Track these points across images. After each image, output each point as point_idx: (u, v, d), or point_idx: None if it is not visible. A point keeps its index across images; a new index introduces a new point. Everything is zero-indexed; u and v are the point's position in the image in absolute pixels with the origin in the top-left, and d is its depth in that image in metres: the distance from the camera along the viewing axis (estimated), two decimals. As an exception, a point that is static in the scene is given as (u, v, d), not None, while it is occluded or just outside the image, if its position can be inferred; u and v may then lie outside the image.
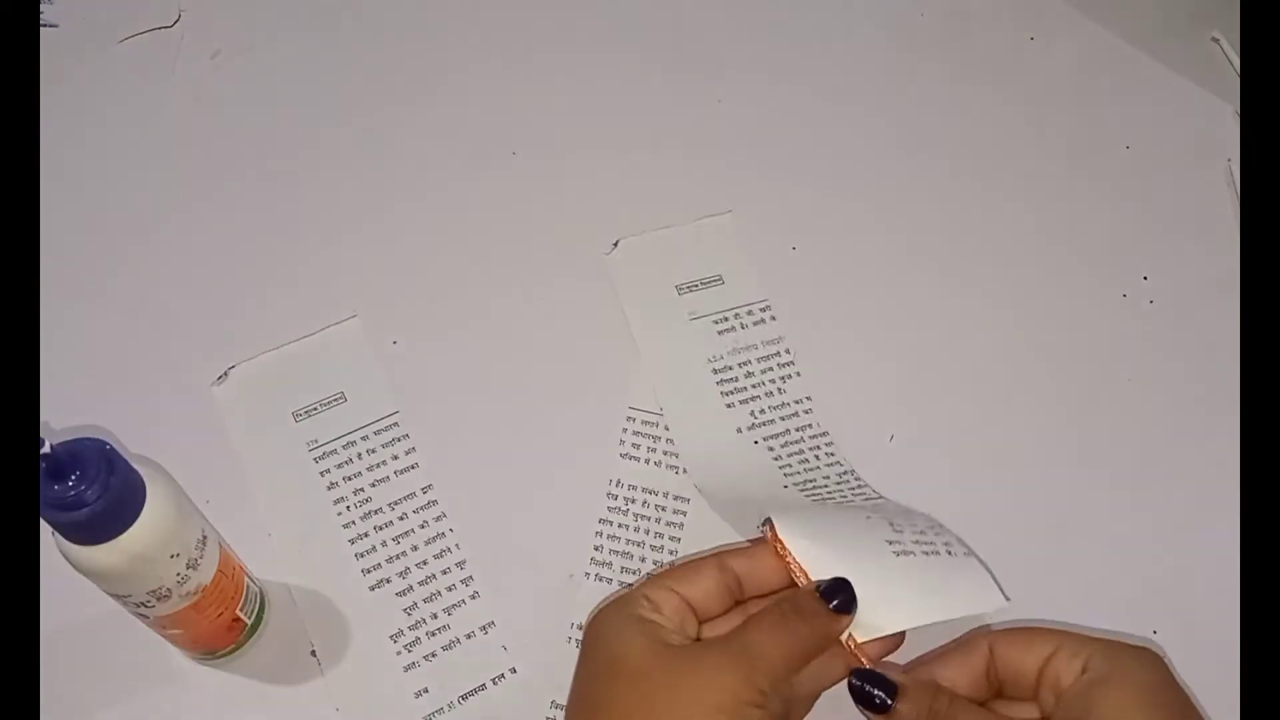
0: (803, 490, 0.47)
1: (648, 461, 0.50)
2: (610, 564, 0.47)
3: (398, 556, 0.47)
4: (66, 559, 0.35)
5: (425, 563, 0.47)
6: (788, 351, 0.53)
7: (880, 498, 0.48)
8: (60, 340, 0.51)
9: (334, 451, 0.49)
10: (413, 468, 0.49)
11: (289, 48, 0.61)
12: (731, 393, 0.51)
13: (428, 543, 0.48)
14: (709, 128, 0.60)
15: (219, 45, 0.61)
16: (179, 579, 0.37)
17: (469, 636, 0.46)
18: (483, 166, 0.58)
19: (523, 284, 0.54)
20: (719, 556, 0.39)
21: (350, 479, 0.49)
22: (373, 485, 0.49)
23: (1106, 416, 0.52)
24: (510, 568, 0.47)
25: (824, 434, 0.51)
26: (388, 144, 0.58)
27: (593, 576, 0.47)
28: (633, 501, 0.49)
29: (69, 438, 0.33)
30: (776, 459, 0.49)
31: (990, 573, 0.43)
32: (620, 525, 0.48)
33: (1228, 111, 0.61)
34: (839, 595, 0.37)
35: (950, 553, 0.42)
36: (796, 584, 0.39)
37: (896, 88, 0.62)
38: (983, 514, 0.49)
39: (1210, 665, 0.46)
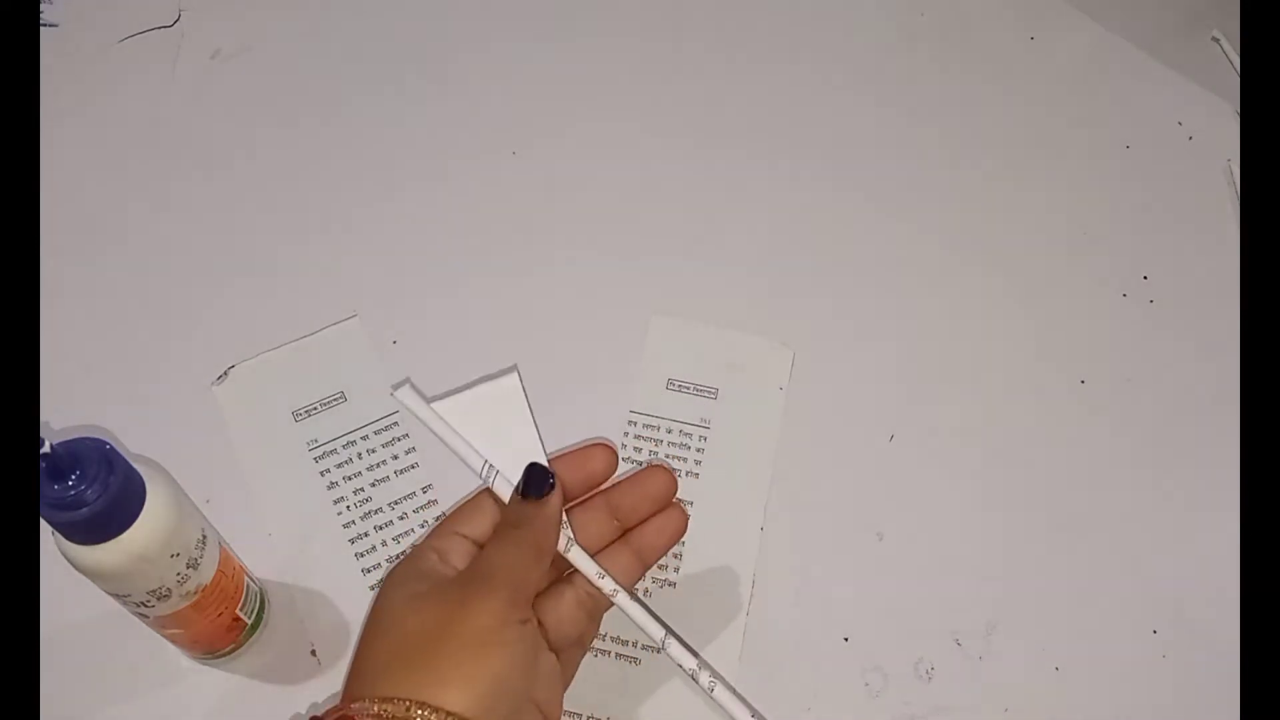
0: None
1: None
2: None
3: (397, 557, 0.47)
4: (66, 559, 0.35)
5: (425, 563, 0.47)
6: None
7: None
8: (60, 340, 0.51)
9: (334, 451, 0.49)
10: (413, 468, 0.49)
11: (289, 48, 0.61)
12: None
13: (428, 543, 0.48)
14: (709, 126, 0.60)
15: (219, 45, 0.61)
16: (179, 579, 0.37)
17: (469, 636, 0.46)
18: (483, 165, 0.58)
19: (523, 285, 0.54)
20: (490, 491, 0.40)
21: (350, 479, 0.49)
22: (373, 485, 0.49)
23: (1106, 416, 0.52)
24: (510, 568, 0.47)
25: None
26: (387, 143, 0.58)
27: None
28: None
29: (69, 438, 0.33)
30: None
31: None
32: None
33: (1228, 111, 0.61)
34: (530, 484, 0.39)
35: None
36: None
37: (897, 88, 0.62)
38: (982, 514, 0.50)
39: (1210, 665, 0.46)
